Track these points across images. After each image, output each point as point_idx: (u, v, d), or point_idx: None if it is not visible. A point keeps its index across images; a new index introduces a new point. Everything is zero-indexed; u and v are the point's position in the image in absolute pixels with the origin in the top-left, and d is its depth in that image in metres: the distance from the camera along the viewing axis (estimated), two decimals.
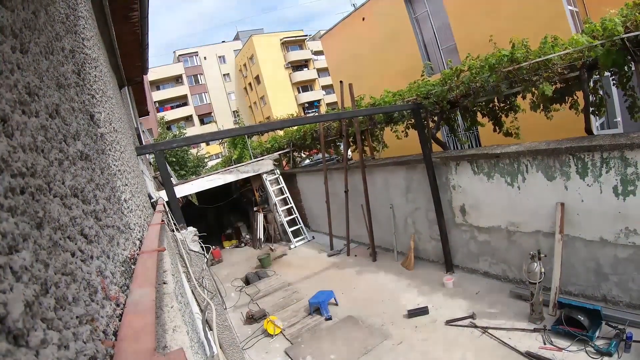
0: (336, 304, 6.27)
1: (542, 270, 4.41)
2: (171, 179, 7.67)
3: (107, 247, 1.02)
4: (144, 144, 7.22)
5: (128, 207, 1.68)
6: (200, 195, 13.82)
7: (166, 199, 4.43)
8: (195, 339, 1.56)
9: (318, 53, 39.84)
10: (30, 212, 0.58)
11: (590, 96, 4.68)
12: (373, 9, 13.54)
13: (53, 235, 0.64)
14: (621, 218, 4.07)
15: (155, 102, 37.29)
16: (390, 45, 13.03)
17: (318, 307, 6.09)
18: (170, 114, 39.94)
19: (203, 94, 44.91)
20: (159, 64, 45.60)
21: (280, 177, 11.21)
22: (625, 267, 4.17)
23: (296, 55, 43.51)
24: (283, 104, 39.13)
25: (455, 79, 5.83)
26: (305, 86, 44.02)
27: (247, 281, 8.39)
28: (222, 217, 14.61)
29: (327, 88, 41.75)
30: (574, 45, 4.32)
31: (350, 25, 14.83)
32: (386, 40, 13.11)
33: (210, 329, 2.66)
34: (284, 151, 12.15)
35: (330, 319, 5.86)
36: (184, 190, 10.04)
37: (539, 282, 4.38)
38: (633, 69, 4.18)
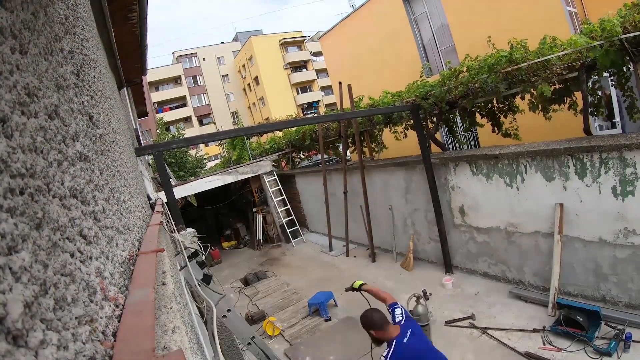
0: (335, 305, 6.27)
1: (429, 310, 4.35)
2: (170, 180, 7.66)
3: (106, 248, 1.02)
4: (143, 145, 7.21)
5: (127, 208, 1.68)
6: (199, 196, 13.81)
7: (165, 200, 4.43)
8: (194, 339, 1.56)
9: (317, 54, 39.90)
10: (29, 212, 0.58)
11: (589, 97, 4.69)
12: (372, 10, 13.55)
13: (52, 236, 0.64)
14: (620, 218, 4.08)
15: (154, 103, 37.28)
16: (389, 46, 13.04)
17: (317, 308, 6.09)
18: (169, 115, 39.90)
19: (202, 95, 44.90)
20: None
21: (278, 178, 11.22)
22: (625, 267, 4.18)
23: (295, 56, 43.55)
24: (282, 104, 39.15)
25: (454, 79, 5.83)
26: (304, 87, 44.05)
27: (246, 282, 8.39)
28: (221, 218, 14.62)
29: (326, 89, 41.78)
30: (572, 45, 4.33)
31: (349, 26, 14.84)
32: (385, 41, 13.12)
33: (210, 330, 2.66)
34: (283, 152, 12.15)
35: (329, 319, 5.86)
36: (183, 191, 10.04)
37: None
38: (632, 69, 4.20)
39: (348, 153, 9.31)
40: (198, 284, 2.60)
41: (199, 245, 3.80)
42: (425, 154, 6.12)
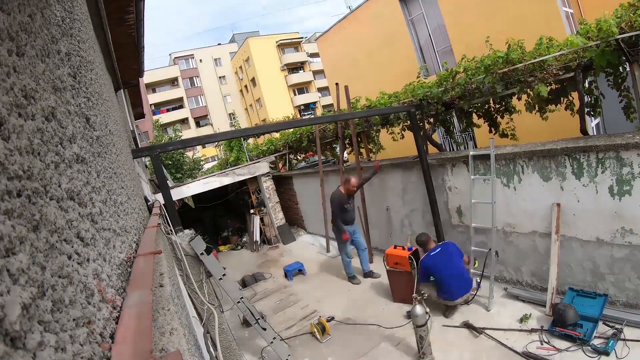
0: (304, 274, 7.78)
1: (427, 310, 4.27)
2: (167, 181, 7.64)
3: (103, 249, 1.02)
4: (140, 146, 7.19)
5: (124, 210, 1.67)
6: (196, 198, 13.78)
7: (162, 201, 4.42)
8: (192, 341, 1.55)
9: (314, 55, 39.94)
10: (27, 214, 0.58)
11: (586, 97, 4.71)
12: (368, 11, 13.59)
13: (49, 238, 0.64)
14: (617, 218, 4.10)
15: (151, 104, 37.26)
16: (386, 47, 13.08)
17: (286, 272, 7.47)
18: (166, 117, 39.89)
19: (199, 97, 44.89)
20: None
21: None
22: (622, 266, 4.20)
23: (292, 57, 43.61)
24: (279, 106, 39.17)
25: (451, 80, 5.85)
26: (301, 88, 44.11)
27: (244, 284, 8.36)
28: (218, 219, 14.57)
29: (323, 90, 41.87)
30: (569, 46, 4.35)
31: (346, 27, 14.87)
32: (382, 42, 13.16)
33: (208, 332, 2.66)
34: (280, 153, 12.14)
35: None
36: (180, 193, 10.01)
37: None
38: (628, 69, 4.22)
39: (345, 154, 9.31)
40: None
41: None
42: (422, 154, 6.13)
